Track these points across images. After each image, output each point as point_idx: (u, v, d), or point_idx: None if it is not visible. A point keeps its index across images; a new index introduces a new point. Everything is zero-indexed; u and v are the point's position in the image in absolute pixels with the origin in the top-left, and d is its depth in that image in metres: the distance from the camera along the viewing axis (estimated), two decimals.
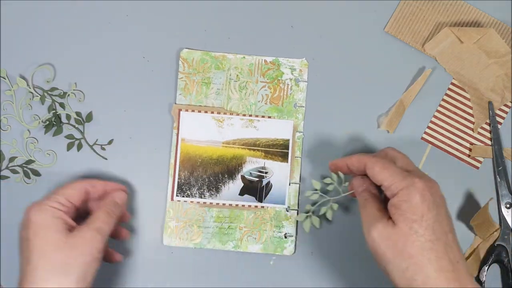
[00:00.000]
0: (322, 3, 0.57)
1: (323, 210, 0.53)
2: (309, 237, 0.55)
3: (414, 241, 0.41)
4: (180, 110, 0.55)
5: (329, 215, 0.52)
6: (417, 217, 0.42)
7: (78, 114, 0.55)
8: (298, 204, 0.55)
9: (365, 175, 0.48)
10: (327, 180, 0.52)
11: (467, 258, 0.55)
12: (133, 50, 0.56)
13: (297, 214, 0.55)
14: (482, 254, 0.55)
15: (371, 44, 0.57)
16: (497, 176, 0.55)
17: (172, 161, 0.55)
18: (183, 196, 0.55)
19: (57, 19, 0.56)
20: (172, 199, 0.55)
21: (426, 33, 0.57)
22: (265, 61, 0.56)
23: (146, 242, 0.55)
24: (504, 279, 0.55)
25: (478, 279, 0.54)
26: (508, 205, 0.55)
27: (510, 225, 0.54)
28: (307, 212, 0.53)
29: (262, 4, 0.57)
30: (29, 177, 0.55)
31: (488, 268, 0.54)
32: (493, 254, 0.54)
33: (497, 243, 0.54)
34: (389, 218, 0.44)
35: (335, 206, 0.52)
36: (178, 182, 0.55)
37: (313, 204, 0.53)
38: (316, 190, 0.53)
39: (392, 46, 0.57)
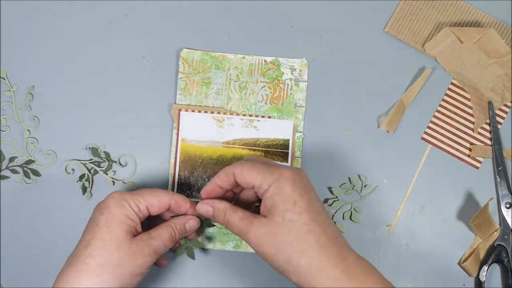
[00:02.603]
0: (322, 3, 0.57)
1: (346, 214, 0.55)
2: None
3: (289, 229, 0.41)
4: (180, 110, 0.55)
5: (354, 218, 0.55)
6: (289, 205, 0.42)
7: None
8: None
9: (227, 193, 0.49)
10: (346, 186, 0.55)
11: (467, 258, 0.55)
12: (133, 50, 0.56)
13: None
14: (482, 254, 0.54)
15: (371, 44, 0.57)
16: (497, 176, 0.55)
17: (172, 161, 0.55)
18: None
19: (57, 19, 0.56)
20: None
21: (426, 33, 0.57)
22: (265, 61, 0.56)
23: None
24: (504, 279, 0.55)
25: (478, 279, 0.54)
26: (508, 205, 0.55)
27: (510, 225, 0.54)
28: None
29: (262, 4, 0.57)
30: (29, 177, 0.55)
31: (488, 268, 0.54)
32: (493, 254, 0.54)
33: (497, 243, 0.54)
34: (260, 217, 0.43)
35: (359, 209, 0.55)
36: (178, 182, 0.55)
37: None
38: (336, 197, 0.55)
39: (392, 46, 0.57)
